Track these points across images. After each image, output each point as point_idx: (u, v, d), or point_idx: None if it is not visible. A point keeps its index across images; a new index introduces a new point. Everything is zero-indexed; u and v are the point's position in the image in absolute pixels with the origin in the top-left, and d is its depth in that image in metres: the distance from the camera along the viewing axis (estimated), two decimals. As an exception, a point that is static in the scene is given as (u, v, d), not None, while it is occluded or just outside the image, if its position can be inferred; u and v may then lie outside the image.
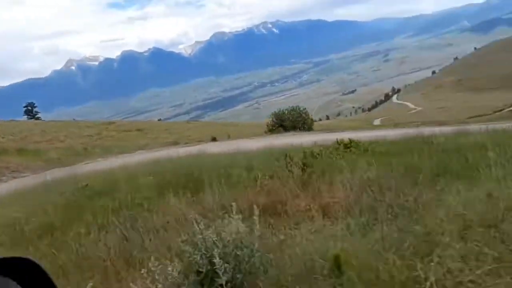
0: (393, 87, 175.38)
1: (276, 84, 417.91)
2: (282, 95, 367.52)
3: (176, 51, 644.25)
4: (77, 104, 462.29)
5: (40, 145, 26.89)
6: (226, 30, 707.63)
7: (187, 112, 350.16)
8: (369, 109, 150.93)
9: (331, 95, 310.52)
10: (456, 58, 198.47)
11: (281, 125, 27.01)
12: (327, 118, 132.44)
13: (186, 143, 25.12)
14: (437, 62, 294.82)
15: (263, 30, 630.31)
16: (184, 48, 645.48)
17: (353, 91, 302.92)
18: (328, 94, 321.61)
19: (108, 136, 33.98)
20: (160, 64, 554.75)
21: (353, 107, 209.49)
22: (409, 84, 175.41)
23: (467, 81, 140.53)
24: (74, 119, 59.13)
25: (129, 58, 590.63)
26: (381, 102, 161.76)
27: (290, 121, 27.31)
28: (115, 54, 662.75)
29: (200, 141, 25.55)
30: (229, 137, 25.70)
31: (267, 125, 28.40)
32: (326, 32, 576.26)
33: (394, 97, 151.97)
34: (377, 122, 67.64)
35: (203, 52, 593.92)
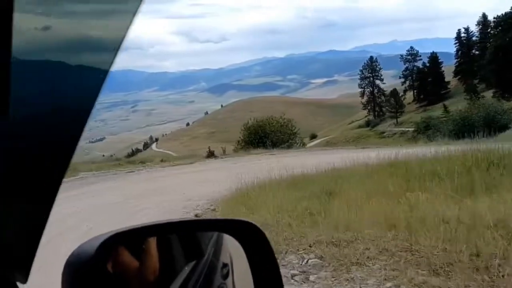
0: (151, 136, 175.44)
1: None
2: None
3: None
4: None
5: None
6: None
7: None
8: (128, 157, 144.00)
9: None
10: (206, 113, 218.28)
11: (260, 141, 19.27)
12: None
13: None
14: (181, 116, 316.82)
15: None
16: None
17: (101, 139, 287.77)
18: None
19: None
20: None
21: (104, 155, 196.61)
22: (166, 134, 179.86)
23: (219, 134, 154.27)
24: None
25: None
26: (138, 150, 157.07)
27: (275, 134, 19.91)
28: None
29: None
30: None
31: (238, 142, 20.69)
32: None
33: (154, 145, 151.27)
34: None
35: None
